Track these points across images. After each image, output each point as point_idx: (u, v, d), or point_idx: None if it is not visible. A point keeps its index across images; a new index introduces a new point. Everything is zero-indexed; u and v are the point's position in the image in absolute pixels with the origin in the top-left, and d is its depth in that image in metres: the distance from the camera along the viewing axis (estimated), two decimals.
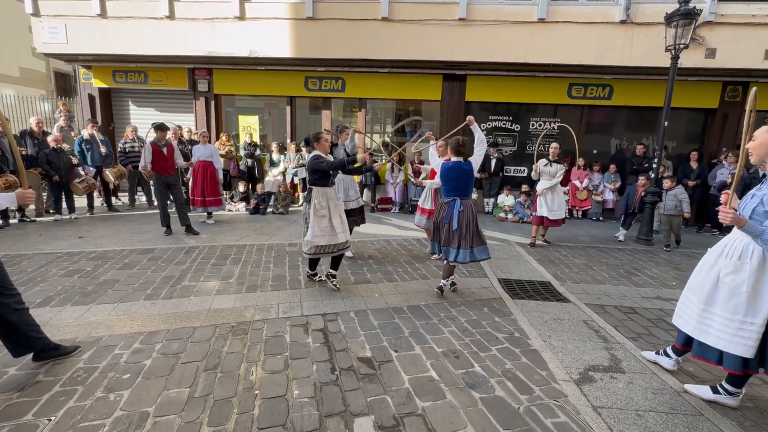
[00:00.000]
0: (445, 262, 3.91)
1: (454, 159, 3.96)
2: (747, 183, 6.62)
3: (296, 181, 9.42)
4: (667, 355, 3.01)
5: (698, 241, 7.00)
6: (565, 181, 8.26)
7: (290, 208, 8.70)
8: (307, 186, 3.93)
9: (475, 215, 3.84)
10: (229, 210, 8.35)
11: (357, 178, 9.54)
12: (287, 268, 4.74)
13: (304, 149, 9.27)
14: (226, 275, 4.41)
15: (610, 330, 3.50)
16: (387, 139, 11.08)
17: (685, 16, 6.03)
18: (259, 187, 8.49)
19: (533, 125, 9.37)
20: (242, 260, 4.97)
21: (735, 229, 2.60)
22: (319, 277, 4.21)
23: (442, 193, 3.96)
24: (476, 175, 4.31)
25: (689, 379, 2.93)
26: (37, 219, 6.78)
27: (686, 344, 2.85)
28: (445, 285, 3.98)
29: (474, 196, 8.93)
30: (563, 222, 6.26)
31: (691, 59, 7.67)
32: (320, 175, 3.87)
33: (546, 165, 6.09)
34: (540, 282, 4.63)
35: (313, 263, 4.14)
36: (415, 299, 3.95)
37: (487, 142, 9.43)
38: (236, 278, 4.33)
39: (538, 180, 6.33)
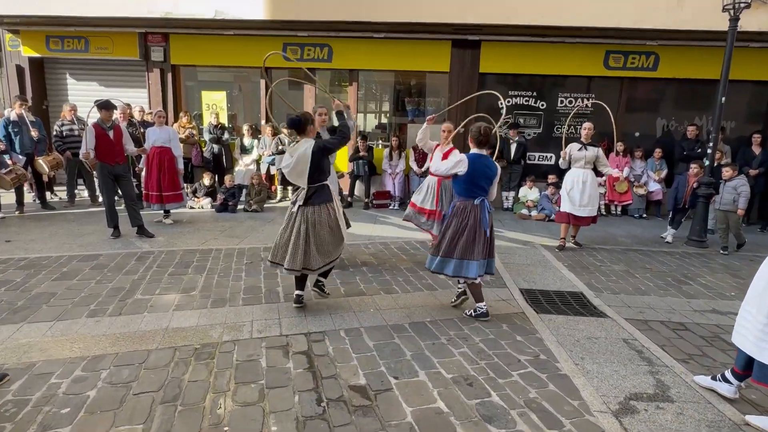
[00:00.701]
0: (478, 280, 3.75)
1: (475, 151, 3.81)
2: None
3: (273, 171, 9.42)
4: (726, 381, 3.03)
5: (762, 242, 7.06)
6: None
7: (266, 205, 8.71)
8: (308, 185, 3.80)
9: None
10: (191, 207, 8.35)
11: (344, 168, 9.57)
12: (262, 277, 4.75)
13: (284, 132, 9.28)
14: (188, 287, 4.42)
15: (655, 350, 3.52)
16: (385, 120, 11.12)
17: None
18: (227, 178, 8.50)
19: (562, 102, 9.42)
20: (207, 268, 4.98)
21: None
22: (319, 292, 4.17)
23: (462, 193, 3.77)
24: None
25: (752, 409, 2.95)
26: None
27: (748, 366, 2.87)
28: (483, 308, 3.88)
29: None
30: (595, 220, 6.30)
31: (753, 21, 7.70)
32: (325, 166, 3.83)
33: (580, 149, 6.12)
34: (571, 293, 4.66)
35: (302, 281, 3.99)
36: (418, 314, 3.97)
37: (507, 122, 9.48)
38: (200, 290, 4.33)
39: (568, 169, 6.35)
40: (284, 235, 3.84)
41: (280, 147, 8.85)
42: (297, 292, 4.00)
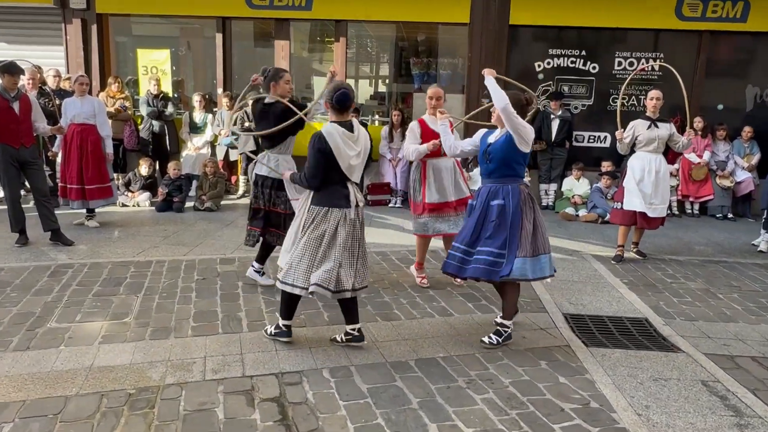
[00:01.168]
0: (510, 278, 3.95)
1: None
2: None
3: (235, 156, 9.44)
4: None
5: None
6: (672, 156, 8.32)
7: (223, 202, 8.73)
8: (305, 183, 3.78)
9: None
10: (124, 205, 8.36)
11: None
12: (219, 299, 4.76)
13: (250, 104, 9.24)
14: (119, 311, 4.42)
15: (744, 396, 3.53)
16: (383, 88, 11.11)
17: None
18: (171, 167, 8.53)
19: (620, 64, 9.46)
20: (145, 286, 4.98)
21: None
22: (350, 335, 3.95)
23: (490, 174, 4.10)
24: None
25: None
26: None
27: None
28: (511, 328, 4.12)
29: (526, 178, 9.03)
30: (663, 222, 6.33)
31: None
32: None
33: (650, 127, 6.14)
34: (632, 319, 4.67)
35: (292, 306, 3.96)
36: (428, 348, 3.97)
37: (547, 91, 9.53)
38: (135, 316, 4.34)
39: (630, 154, 6.37)
40: (335, 245, 3.69)
41: (246, 123, 8.85)
42: (284, 322, 3.92)
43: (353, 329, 3.91)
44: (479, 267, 3.95)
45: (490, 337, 4.05)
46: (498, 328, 4.11)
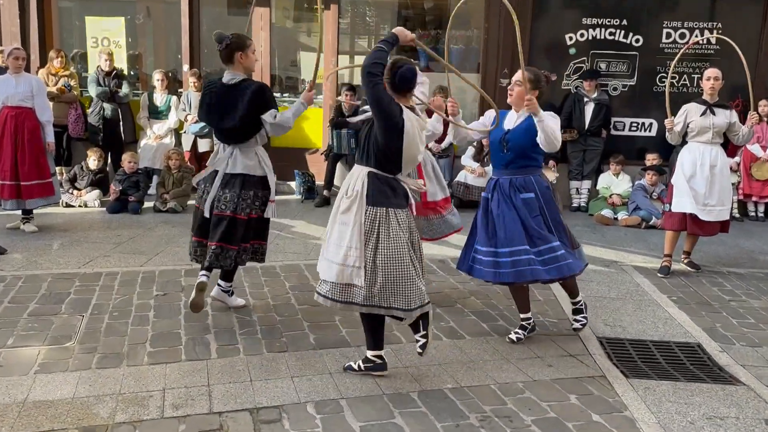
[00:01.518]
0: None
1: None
2: None
3: (204, 147, 9.44)
4: None
5: None
6: (733, 147, 8.32)
7: (191, 201, 8.72)
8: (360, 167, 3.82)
9: None
10: (68, 205, 8.37)
11: (318, 143, 9.49)
12: (182, 318, 4.76)
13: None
14: (60, 334, 4.41)
15: None
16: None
17: None
18: (126, 159, 8.54)
19: (669, 36, 9.47)
20: (92, 304, 4.98)
21: None
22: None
23: (509, 165, 4.42)
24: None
25: None
26: None
27: None
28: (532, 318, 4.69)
29: (551, 176, 9.03)
30: (725, 227, 6.31)
31: None
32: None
33: (704, 113, 6.13)
34: (682, 345, 4.67)
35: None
36: (433, 377, 3.97)
37: (580, 70, 9.54)
38: (80, 340, 4.33)
39: (682, 145, 6.37)
40: (406, 258, 3.69)
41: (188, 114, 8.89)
42: (371, 354, 3.92)
43: (375, 355, 3.94)
44: (552, 267, 4.21)
45: (516, 332, 4.54)
46: (522, 323, 4.60)
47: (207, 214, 4.52)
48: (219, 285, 4.94)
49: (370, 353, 3.94)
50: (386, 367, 3.94)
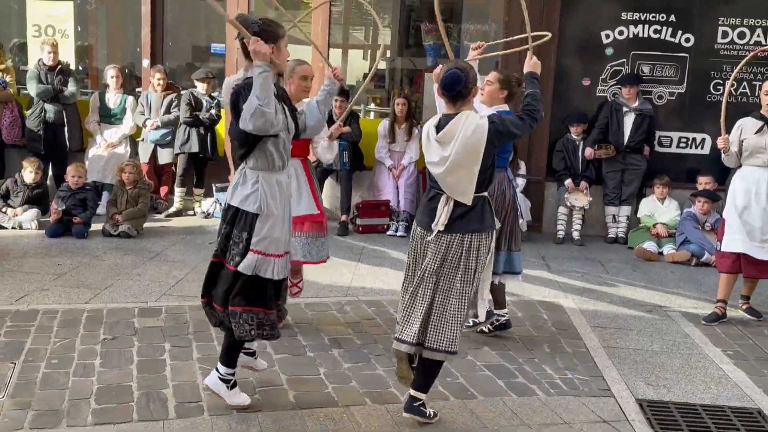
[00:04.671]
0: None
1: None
2: None
3: (167, 158, 9.44)
4: None
5: None
6: None
7: (147, 224, 8.71)
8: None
9: None
10: (0, 226, 8.32)
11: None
12: (134, 368, 4.72)
13: (200, 83, 9.25)
14: None
15: None
16: (383, 65, 11.08)
17: None
18: (71, 171, 8.54)
19: (725, 36, 9.51)
20: (26, 349, 4.93)
21: None
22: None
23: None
24: (588, 154, 4.56)
25: None
26: None
27: None
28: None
29: (583, 200, 9.04)
30: None
31: None
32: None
33: (761, 130, 6.13)
34: (738, 410, 4.63)
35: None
36: None
37: (618, 74, 9.57)
38: (11, 393, 4.29)
39: (737, 168, 6.37)
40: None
41: (198, 112, 8.81)
42: (412, 392, 4.11)
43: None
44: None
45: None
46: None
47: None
48: (216, 370, 4.42)
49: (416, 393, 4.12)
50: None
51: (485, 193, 4.06)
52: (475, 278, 4.05)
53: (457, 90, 3.92)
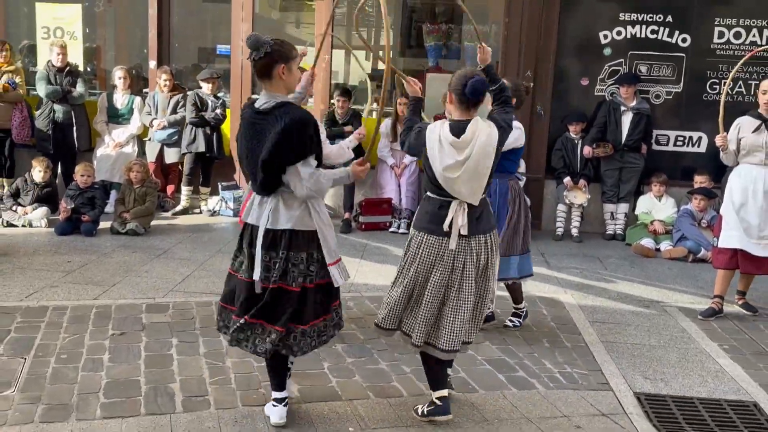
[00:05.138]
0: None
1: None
2: None
3: (173, 157, 9.46)
4: None
5: None
6: None
7: (155, 222, 8.74)
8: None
9: None
10: (10, 224, 8.36)
11: None
12: (142, 363, 4.75)
13: (205, 84, 9.27)
14: None
15: None
16: (384, 65, 11.00)
17: None
18: (80, 171, 8.56)
19: (722, 36, 9.51)
20: (36, 344, 4.96)
21: None
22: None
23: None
24: (586, 153, 4.56)
25: None
26: None
27: None
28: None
29: (581, 198, 9.04)
30: None
31: None
32: None
33: (758, 129, 6.14)
34: (734, 403, 4.64)
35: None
36: None
37: (616, 73, 9.57)
38: (21, 387, 4.31)
39: (734, 166, 6.39)
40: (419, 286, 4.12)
41: (203, 113, 8.78)
42: (437, 395, 4.10)
43: (438, 397, 4.09)
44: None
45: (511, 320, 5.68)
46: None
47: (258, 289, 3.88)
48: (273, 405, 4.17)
49: (434, 395, 4.13)
50: (449, 412, 4.10)
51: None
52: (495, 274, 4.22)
53: (481, 97, 3.99)
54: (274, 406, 3.99)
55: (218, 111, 9.21)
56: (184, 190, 9.50)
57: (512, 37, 9.34)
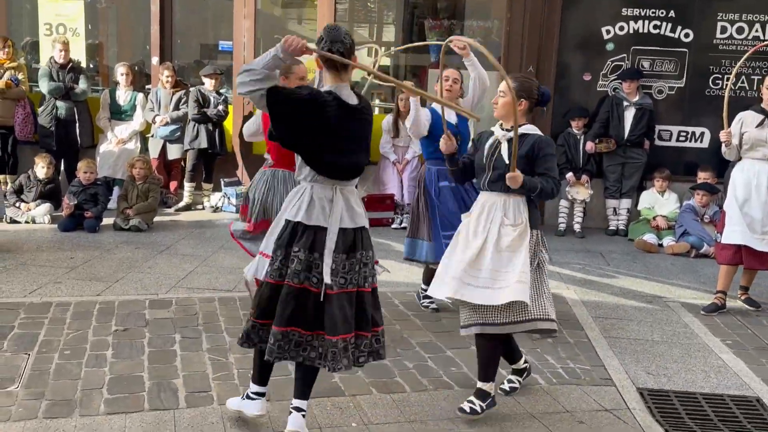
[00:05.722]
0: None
1: None
2: None
3: (176, 153, 9.46)
4: None
5: None
6: None
7: (158, 218, 8.74)
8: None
9: None
10: (13, 221, 8.36)
11: None
12: (145, 359, 4.75)
13: (208, 80, 9.25)
14: (2, 375, 4.40)
15: None
16: (386, 61, 11.09)
17: None
18: (82, 167, 8.56)
19: (724, 31, 9.48)
20: (40, 340, 4.96)
21: None
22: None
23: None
24: (589, 148, 4.53)
25: None
26: None
27: None
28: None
29: (584, 193, 9.02)
30: None
31: None
32: None
33: (762, 124, 6.13)
34: (737, 398, 4.64)
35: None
36: None
37: (619, 69, 9.54)
38: (25, 383, 4.31)
39: (737, 161, 6.37)
40: None
41: (206, 109, 8.75)
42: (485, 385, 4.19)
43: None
44: None
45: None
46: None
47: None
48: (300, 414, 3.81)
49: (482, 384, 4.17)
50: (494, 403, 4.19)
51: None
52: None
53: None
54: (252, 398, 3.86)
55: (220, 107, 9.19)
56: (187, 186, 9.49)
57: (514, 32, 9.32)
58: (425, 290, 5.97)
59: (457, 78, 5.79)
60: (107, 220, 8.40)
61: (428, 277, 5.82)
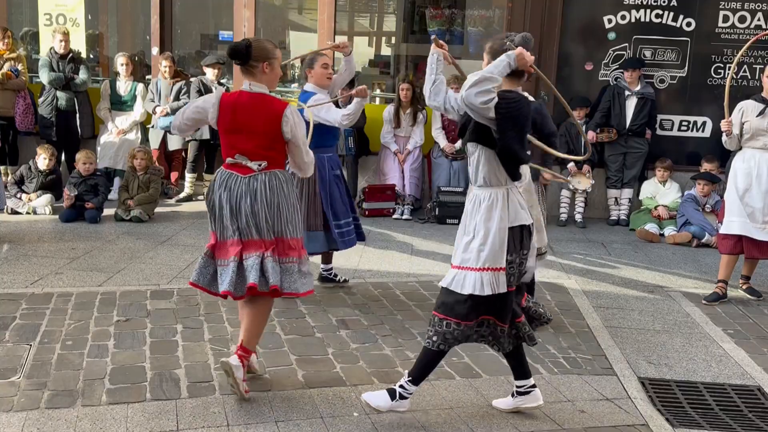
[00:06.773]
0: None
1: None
2: None
3: (177, 144, 9.45)
4: None
5: None
6: None
7: (158, 209, 8.74)
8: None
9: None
10: (14, 212, 8.37)
11: None
12: (147, 349, 4.76)
13: (209, 70, 9.24)
14: (4, 366, 4.41)
15: None
16: (388, 51, 11.09)
17: None
18: (82, 158, 8.55)
19: (726, 20, 9.46)
20: (42, 331, 4.97)
21: None
22: None
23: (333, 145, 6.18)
24: (590, 138, 4.43)
25: None
26: None
27: None
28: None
29: (585, 183, 9.01)
30: None
31: None
32: None
33: (762, 113, 6.12)
34: (739, 387, 4.65)
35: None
36: (444, 424, 3.96)
37: (620, 58, 9.51)
38: (27, 374, 4.33)
39: (737, 150, 6.36)
40: None
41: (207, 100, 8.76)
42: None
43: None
44: (351, 238, 5.98)
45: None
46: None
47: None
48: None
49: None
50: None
51: None
52: None
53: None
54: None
55: None
56: (188, 177, 9.49)
57: (516, 21, 9.28)
58: (326, 269, 6.24)
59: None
60: (108, 211, 8.42)
61: (326, 259, 6.23)
